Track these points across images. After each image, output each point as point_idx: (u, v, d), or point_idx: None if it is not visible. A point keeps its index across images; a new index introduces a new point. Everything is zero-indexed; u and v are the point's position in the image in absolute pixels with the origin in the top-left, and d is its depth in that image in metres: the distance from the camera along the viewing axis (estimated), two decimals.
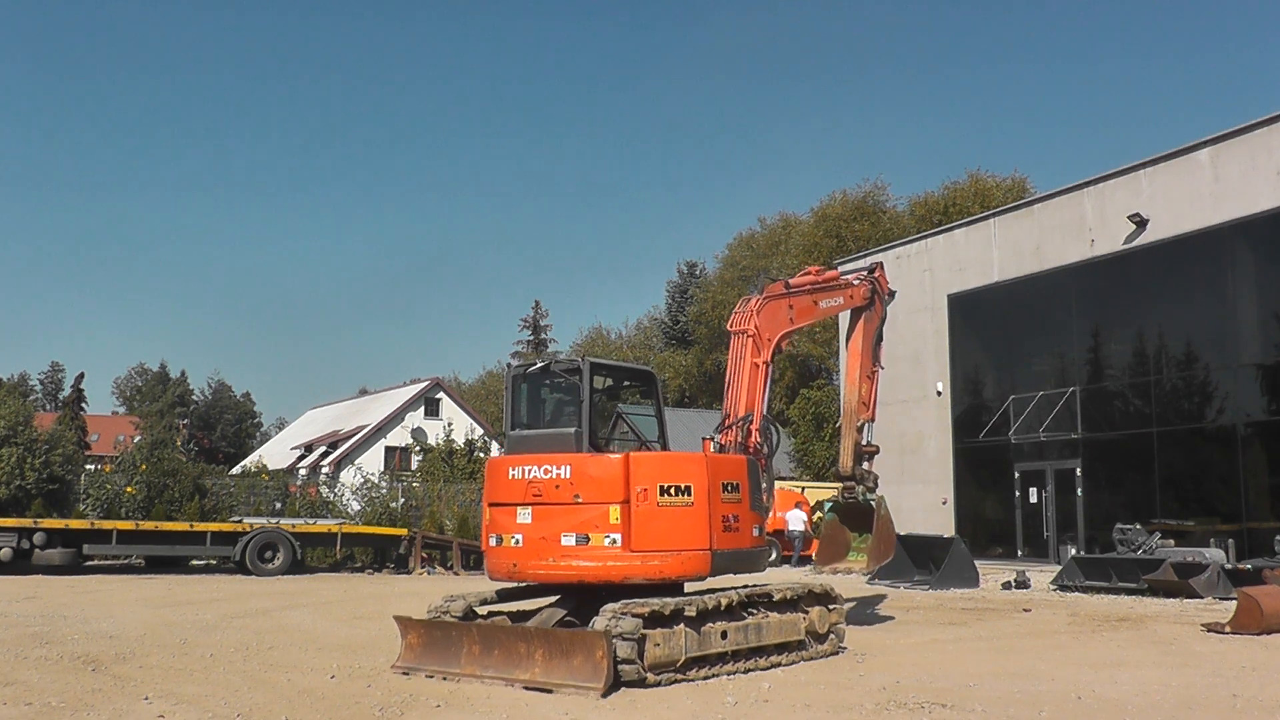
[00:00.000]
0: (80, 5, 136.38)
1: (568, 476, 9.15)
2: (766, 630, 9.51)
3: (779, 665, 9.51)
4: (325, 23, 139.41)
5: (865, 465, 13.64)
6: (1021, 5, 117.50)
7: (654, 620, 8.43)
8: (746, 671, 9.13)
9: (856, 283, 13.80)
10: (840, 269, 16.66)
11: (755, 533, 9.97)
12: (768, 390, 11.79)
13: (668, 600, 8.65)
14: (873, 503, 13.27)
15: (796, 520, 27.74)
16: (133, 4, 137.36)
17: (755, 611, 9.52)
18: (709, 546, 9.25)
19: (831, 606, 10.30)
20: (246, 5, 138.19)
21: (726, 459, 10.18)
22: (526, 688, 8.50)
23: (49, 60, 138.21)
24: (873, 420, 14.00)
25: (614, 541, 8.88)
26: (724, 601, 9.11)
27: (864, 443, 13.71)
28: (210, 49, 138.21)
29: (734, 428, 11.17)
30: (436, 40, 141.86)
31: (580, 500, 9.07)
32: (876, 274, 14.23)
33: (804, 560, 27.07)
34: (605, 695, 7.91)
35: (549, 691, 8.13)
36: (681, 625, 8.65)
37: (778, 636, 9.62)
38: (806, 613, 9.99)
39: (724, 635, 9.05)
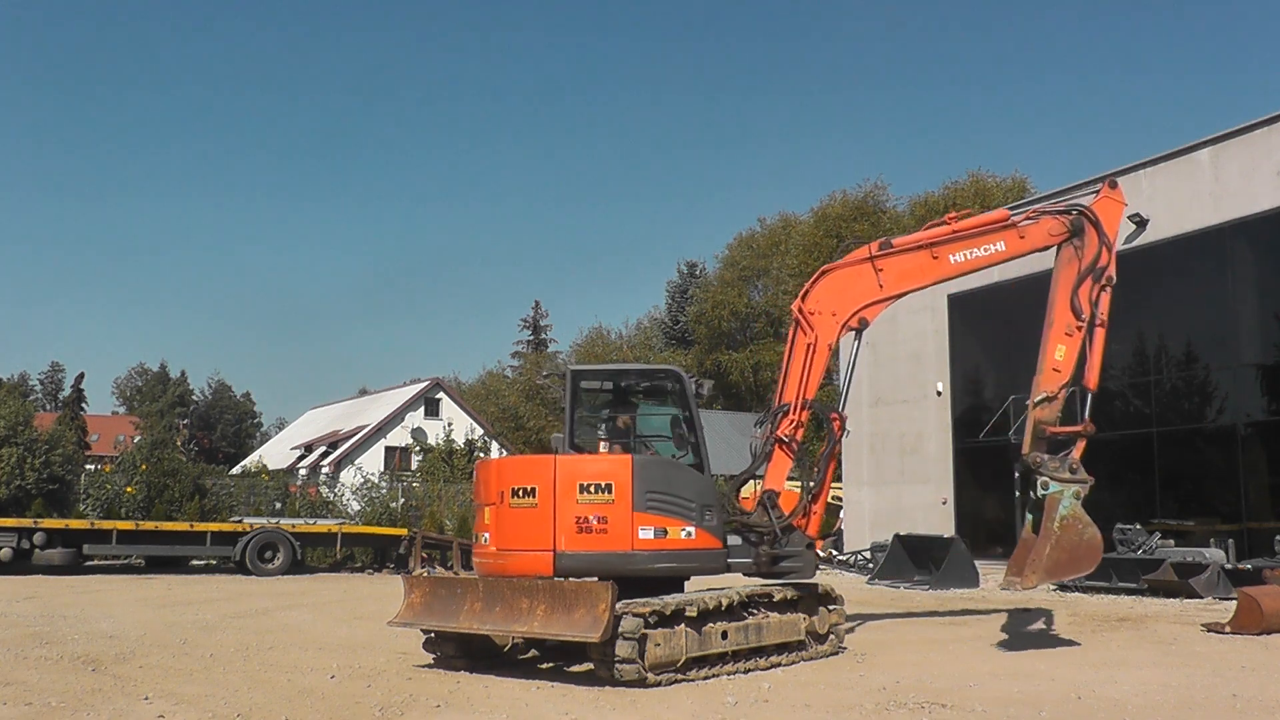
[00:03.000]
0: (82, 9, 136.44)
1: (481, 479, 9.99)
2: (766, 630, 9.53)
3: (779, 665, 9.53)
4: (325, 25, 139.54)
5: (1071, 453, 10.77)
6: (1022, 5, 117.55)
7: (655, 620, 8.45)
8: (747, 671, 9.15)
9: (1030, 221, 11.18)
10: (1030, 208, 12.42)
11: (649, 534, 9.33)
12: (812, 371, 10.51)
13: (668, 600, 8.68)
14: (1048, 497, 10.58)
15: None
16: (134, 8, 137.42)
17: (756, 612, 9.53)
18: (552, 548, 9.29)
19: (831, 607, 10.31)
20: (247, 7, 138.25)
21: (590, 459, 9.93)
22: (525, 640, 9.48)
23: (50, 62, 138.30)
24: (1091, 389, 11.14)
25: (487, 540, 9.68)
26: (724, 601, 9.12)
27: (1057, 421, 10.85)
28: (210, 52, 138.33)
29: (769, 420, 10.60)
30: (436, 42, 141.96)
31: (478, 503, 10.05)
32: (1100, 198, 11.39)
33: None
34: (601, 643, 8.26)
35: (544, 642, 9.18)
36: (683, 625, 8.68)
37: (778, 637, 9.64)
38: (807, 613, 10.00)
39: (724, 635, 9.09)
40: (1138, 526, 19.59)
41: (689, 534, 9.49)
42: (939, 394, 28.21)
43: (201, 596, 17.47)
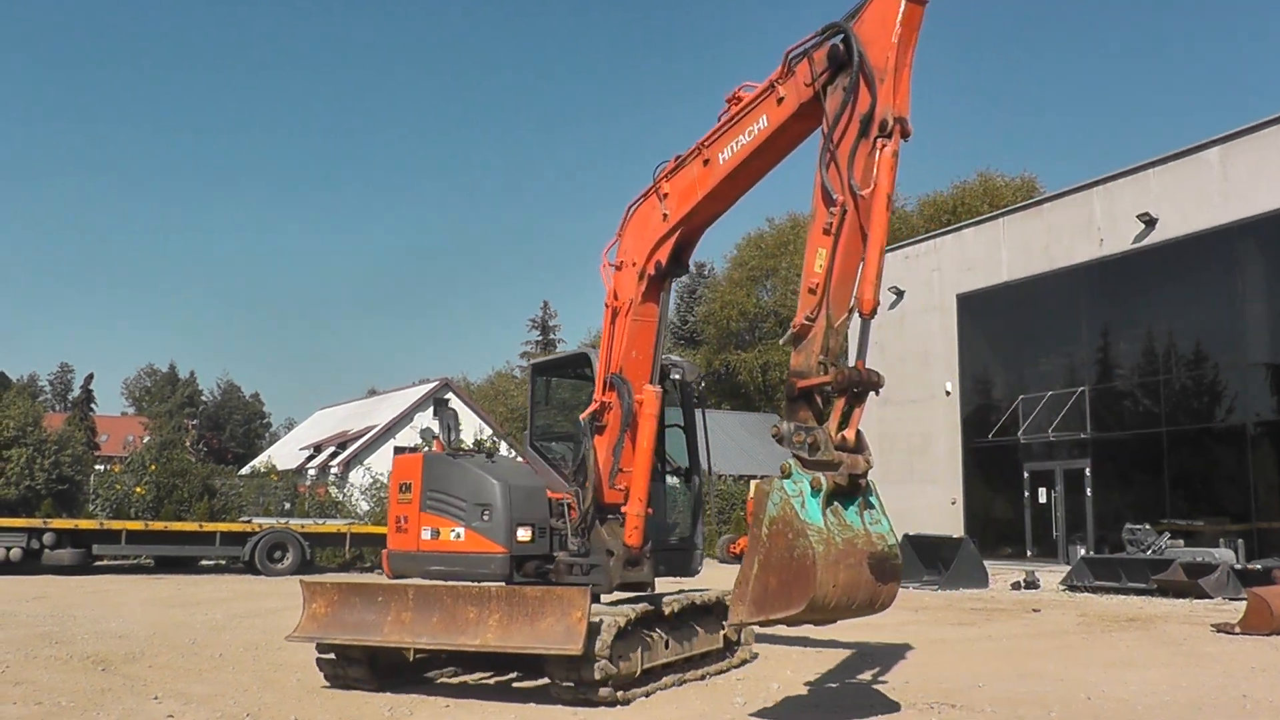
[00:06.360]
0: (88, 10, 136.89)
1: None
2: (696, 639, 9.10)
3: (708, 674, 9.05)
4: (335, 19, 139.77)
5: (829, 421, 6.75)
6: (1030, 4, 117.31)
7: (619, 629, 7.91)
8: (681, 684, 8.66)
9: (790, 75, 7.45)
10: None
11: (427, 535, 8.99)
12: (615, 339, 8.77)
13: (625, 609, 8.23)
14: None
15: None
16: (139, 8, 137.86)
17: (690, 619, 9.06)
18: (386, 547, 9.48)
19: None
20: (255, 1, 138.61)
21: (404, 460, 9.75)
22: (479, 653, 8.24)
23: (57, 57, 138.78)
24: (864, 314, 6.79)
25: None
26: (666, 609, 8.64)
27: (815, 368, 6.75)
28: (218, 46, 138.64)
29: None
30: (446, 38, 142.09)
31: None
32: (844, 25, 7.00)
33: None
34: (583, 655, 7.37)
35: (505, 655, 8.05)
36: (640, 634, 8.25)
37: (704, 645, 9.21)
38: (718, 619, 9.38)
39: (667, 645, 8.65)
40: (1147, 526, 19.57)
41: (458, 535, 8.89)
42: (947, 394, 28.17)
43: (211, 596, 17.52)
